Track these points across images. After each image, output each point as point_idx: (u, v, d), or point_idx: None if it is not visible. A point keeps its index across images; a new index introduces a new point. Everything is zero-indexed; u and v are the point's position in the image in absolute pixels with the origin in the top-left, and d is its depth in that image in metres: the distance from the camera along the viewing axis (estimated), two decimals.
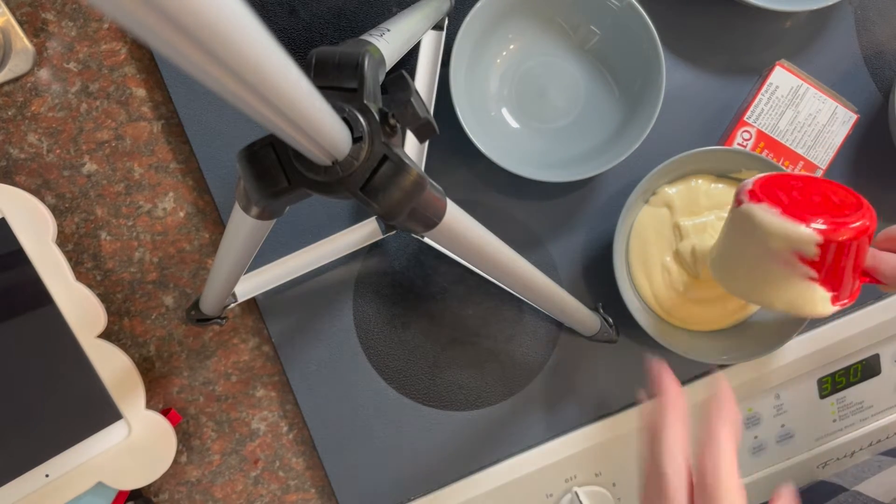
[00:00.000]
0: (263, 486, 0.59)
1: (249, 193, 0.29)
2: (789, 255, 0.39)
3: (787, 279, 0.40)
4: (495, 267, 0.38)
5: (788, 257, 0.40)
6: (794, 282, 0.40)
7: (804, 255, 0.39)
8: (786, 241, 0.39)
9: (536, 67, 0.55)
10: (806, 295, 0.40)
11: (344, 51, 0.29)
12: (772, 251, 0.40)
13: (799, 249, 0.39)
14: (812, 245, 0.39)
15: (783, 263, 0.40)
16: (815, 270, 0.39)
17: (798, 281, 0.40)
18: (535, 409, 0.57)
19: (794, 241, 0.39)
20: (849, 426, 0.58)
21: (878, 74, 0.57)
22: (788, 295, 0.41)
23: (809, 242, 0.39)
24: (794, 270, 0.40)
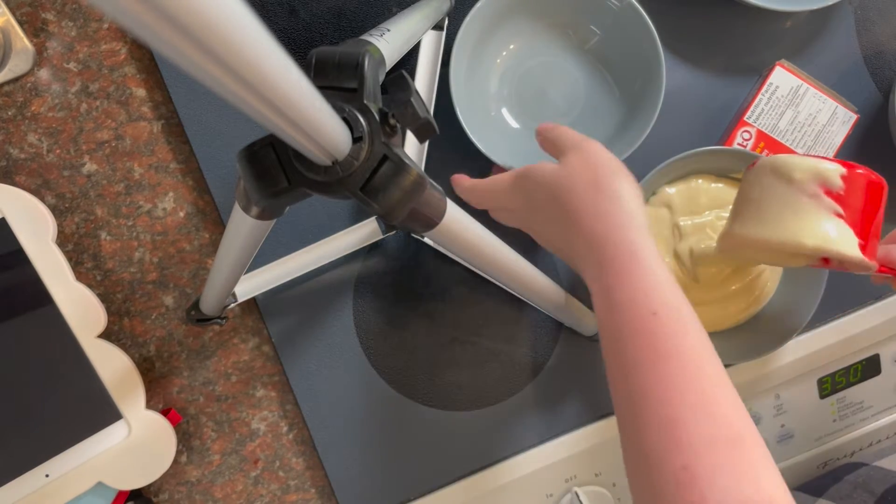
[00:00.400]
0: (263, 486, 0.59)
1: (249, 193, 0.29)
2: (815, 188, 0.40)
3: (816, 212, 0.40)
4: (495, 267, 0.38)
5: (814, 189, 0.40)
6: (822, 217, 0.40)
7: (830, 188, 0.39)
8: (811, 171, 0.40)
9: (536, 67, 0.55)
10: (835, 231, 0.39)
11: (344, 51, 0.29)
12: (797, 184, 0.40)
13: (824, 180, 0.39)
14: (836, 175, 0.39)
15: (810, 195, 0.40)
16: (841, 206, 0.39)
17: (825, 217, 0.40)
18: (535, 409, 0.57)
19: (819, 171, 0.39)
20: (849, 426, 0.58)
21: (878, 74, 0.57)
22: (817, 231, 0.39)
23: (834, 172, 0.39)
24: (820, 203, 0.40)
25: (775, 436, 0.58)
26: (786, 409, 0.58)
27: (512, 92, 0.55)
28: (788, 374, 0.57)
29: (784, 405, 0.58)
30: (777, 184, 0.41)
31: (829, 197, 0.39)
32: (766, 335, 0.53)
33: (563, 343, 0.57)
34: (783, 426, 0.58)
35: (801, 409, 0.58)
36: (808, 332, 0.56)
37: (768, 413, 0.57)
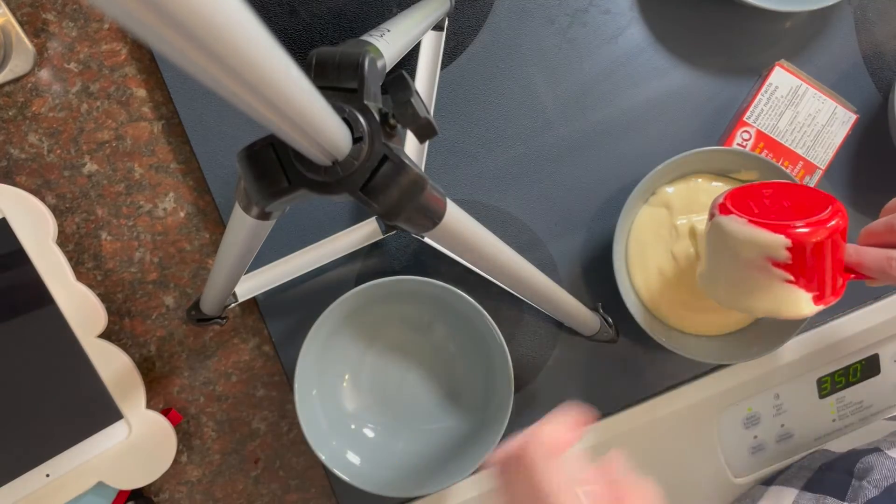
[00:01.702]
0: (264, 485, 0.59)
1: (250, 193, 0.29)
2: (762, 262, 0.40)
3: (766, 285, 0.41)
4: (495, 267, 0.38)
5: (762, 263, 0.40)
6: (773, 286, 0.40)
7: (776, 260, 0.40)
8: (756, 247, 0.40)
9: (386, 374, 0.56)
10: (786, 298, 0.40)
11: (344, 51, 0.29)
12: (746, 260, 0.41)
13: (770, 255, 0.40)
14: (781, 249, 0.39)
15: (758, 270, 0.40)
16: (791, 273, 0.40)
17: (776, 285, 0.40)
18: (535, 409, 0.57)
19: (763, 247, 0.40)
20: (848, 426, 0.58)
21: (877, 74, 0.57)
22: (769, 300, 0.41)
23: (778, 247, 0.39)
24: (769, 275, 0.40)
25: (775, 435, 0.58)
26: (785, 408, 0.58)
27: (370, 403, 0.55)
28: (788, 374, 0.57)
29: (783, 405, 0.58)
30: (728, 256, 0.42)
31: (778, 268, 0.40)
32: (766, 335, 0.53)
33: (563, 343, 0.57)
34: (783, 426, 0.58)
35: (800, 408, 0.58)
36: (807, 332, 0.57)
37: (768, 413, 0.57)
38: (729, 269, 0.43)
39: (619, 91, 0.57)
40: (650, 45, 0.57)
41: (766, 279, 0.40)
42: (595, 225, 0.57)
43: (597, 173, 0.57)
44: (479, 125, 0.57)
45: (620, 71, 0.57)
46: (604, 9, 0.57)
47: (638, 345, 0.57)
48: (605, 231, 0.57)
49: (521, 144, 0.57)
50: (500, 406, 0.51)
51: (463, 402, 0.55)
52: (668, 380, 0.57)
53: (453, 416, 0.55)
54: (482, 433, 0.52)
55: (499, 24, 0.56)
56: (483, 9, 0.56)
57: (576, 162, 0.57)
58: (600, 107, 0.57)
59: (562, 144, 0.57)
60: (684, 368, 0.57)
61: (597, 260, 0.57)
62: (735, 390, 0.56)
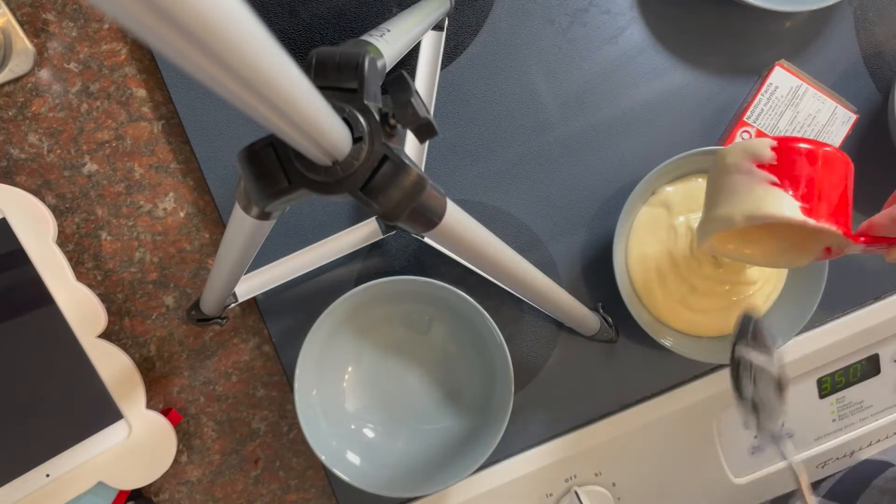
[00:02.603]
0: (264, 485, 0.59)
1: (250, 193, 0.29)
2: (748, 164, 0.41)
3: (750, 187, 0.41)
4: (495, 267, 0.38)
5: (747, 166, 0.41)
6: (756, 187, 0.41)
7: (761, 161, 0.40)
8: (742, 151, 0.41)
9: (385, 375, 0.56)
10: (767, 196, 0.40)
11: (344, 51, 0.29)
12: (732, 165, 0.41)
13: (754, 155, 0.40)
14: (765, 148, 0.40)
15: (744, 174, 0.41)
16: (775, 175, 0.40)
17: (759, 185, 0.40)
18: (535, 409, 0.57)
19: (749, 148, 0.41)
20: (848, 426, 0.58)
21: (877, 74, 0.57)
22: (751, 200, 0.40)
23: (763, 146, 0.40)
24: (753, 177, 0.41)
25: None
26: (785, 408, 0.58)
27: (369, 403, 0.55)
28: (788, 374, 0.57)
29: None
30: (719, 172, 0.43)
31: (763, 169, 0.40)
32: None
33: (563, 343, 0.57)
34: (783, 426, 0.58)
35: (800, 408, 0.58)
36: (807, 332, 0.57)
37: None
38: (717, 187, 0.43)
39: (619, 91, 0.57)
40: (650, 45, 0.57)
41: (750, 182, 0.41)
42: (595, 225, 0.57)
43: (597, 173, 0.57)
44: (479, 125, 0.57)
45: (620, 71, 0.57)
46: (604, 9, 0.57)
47: (638, 345, 0.57)
48: (605, 231, 0.57)
49: (521, 144, 0.57)
50: (500, 406, 0.51)
51: (463, 402, 0.55)
52: (668, 380, 0.57)
53: (453, 416, 0.55)
54: (482, 433, 0.52)
55: (499, 24, 0.56)
56: (483, 9, 0.56)
57: (576, 162, 0.57)
58: (600, 107, 0.57)
59: (562, 144, 0.57)
60: (684, 368, 0.57)
61: (597, 260, 0.57)
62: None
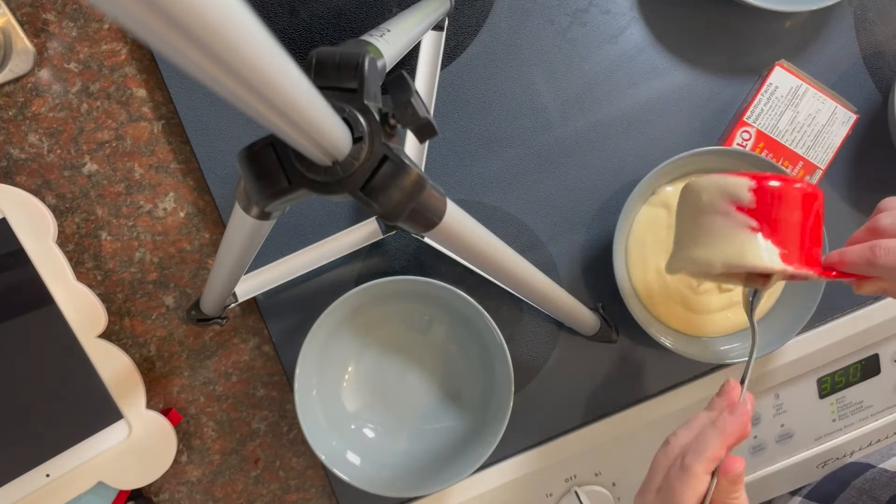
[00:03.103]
0: (264, 485, 0.59)
1: (250, 193, 0.29)
2: (726, 206, 0.39)
3: (729, 231, 0.39)
4: (495, 267, 0.38)
5: (725, 208, 0.39)
6: (736, 232, 0.39)
7: (740, 203, 0.39)
8: (719, 190, 0.39)
9: (386, 374, 0.56)
10: (749, 244, 0.39)
11: (344, 51, 0.29)
12: (709, 205, 0.40)
13: (734, 197, 0.39)
14: (745, 190, 0.39)
15: (722, 216, 0.39)
16: (755, 219, 0.39)
17: (739, 231, 0.39)
18: (535, 409, 0.57)
19: (726, 188, 0.39)
20: (848, 426, 0.58)
21: (877, 74, 0.57)
22: (732, 247, 0.39)
23: (742, 187, 0.39)
24: (733, 221, 0.39)
25: (775, 435, 0.58)
26: (785, 408, 0.58)
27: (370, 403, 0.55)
28: (788, 374, 0.57)
29: (783, 405, 0.58)
30: (693, 209, 0.41)
31: (742, 212, 0.39)
32: (766, 335, 0.53)
33: (563, 343, 0.57)
34: (783, 426, 0.58)
35: (800, 408, 0.58)
36: (807, 332, 0.57)
37: (768, 413, 0.57)
38: (693, 224, 0.41)
39: (619, 91, 0.57)
40: (650, 45, 0.57)
41: (729, 225, 0.39)
42: (595, 225, 0.57)
43: (597, 173, 0.57)
44: (479, 125, 0.57)
45: (620, 71, 0.57)
46: (604, 9, 0.57)
47: (638, 345, 0.57)
48: (605, 231, 0.57)
49: (521, 144, 0.57)
50: (500, 406, 0.51)
51: (463, 402, 0.55)
52: (668, 380, 0.57)
53: (453, 416, 0.55)
54: (482, 433, 0.52)
55: (499, 24, 0.56)
56: (483, 9, 0.56)
57: (576, 162, 0.57)
58: (600, 107, 0.57)
59: (562, 144, 0.57)
60: (684, 368, 0.57)
61: (597, 260, 0.57)
62: None
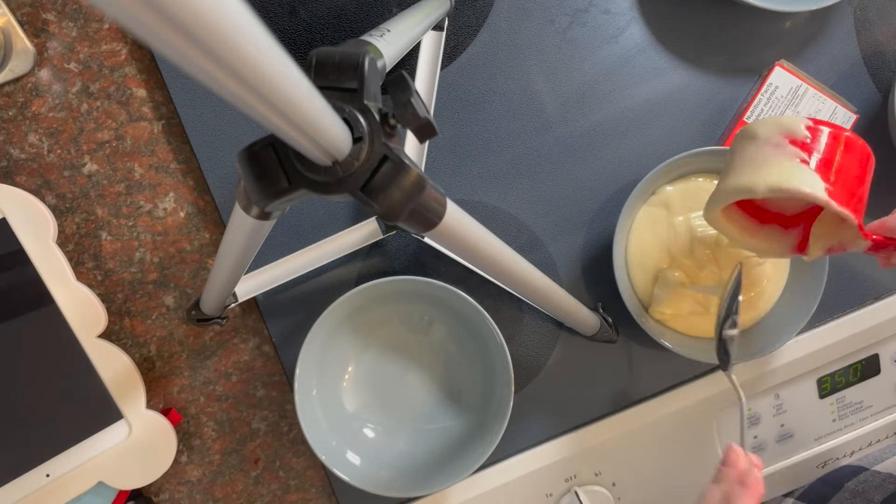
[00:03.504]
0: (264, 485, 0.59)
1: (250, 193, 0.29)
2: (779, 138, 0.41)
3: (779, 159, 0.40)
4: (495, 267, 0.38)
5: (778, 140, 0.41)
6: (786, 160, 0.40)
7: (794, 137, 0.40)
8: (776, 125, 0.41)
9: (385, 374, 0.56)
10: (797, 170, 0.40)
11: (344, 51, 0.29)
12: (764, 138, 0.41)
13: (788, 130, 0.40)
14: (800, 125, 0.40)
15: (774, 147, 0.41)
16: (805, 152, 0.40)
17: (790, 160, 0.40)
18: (535, 409, 0.57)
19: (784, 124, 0.41)
20: (848, 426, 0.58)
21: (877, 74, 0.57)
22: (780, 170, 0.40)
23: (798, 123, 0.40)
24: (784, 150, 0.40)
25: (775, 435, 0.58)
26: (785, 408, 0.58)
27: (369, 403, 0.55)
28: (788, 374, 0.57)
29: (784, 405, 0.58)
30: (746, 144, 0.43)
31: (794, 145, 0.40)
32: (766, 335, 0.53)
33: (563, 343, 0.57)
34: (783, 426, 0.58)
35: (800, 408, 0.58)
36: (807, 332, 0.57)
37: (768, 413, 0.57)
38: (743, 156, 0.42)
39: (619, 91, 0.57)
40: (650, 45, 0.57)
41: (779, 154, 0.40)
42: (595, 225, 0.57)
43: (597, 173, 0.57)
44: (479, 125, 0.57)
45: (620, 71, 0.57)
46: (604, 9, 0.57)
47: (638, 345, 0.57)
48: (605, 231, 0.57)
49: (521, 144, 0.57)
50: (500, 406, 0.51)
51: (463, 402, 0.55)
52: (668, 380, 0.57)
53: (453, 416, 0.55)
54: (482, 433, 0.52)
55: (499, 24, 0.56)
56: (483, 9, 0.56)
57: (576, 162, 0.57)
58: (600, 107, 0.57)
59: (562, 144, 0.57)
60: (684, 368, 0.57)
61: (597, 260, 0.57)
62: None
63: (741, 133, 0.43)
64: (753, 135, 0.42)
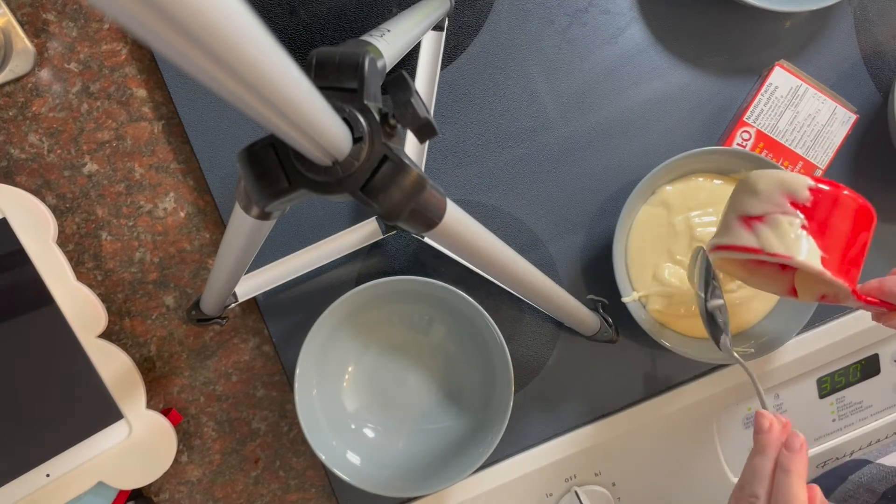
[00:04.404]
0: (264, 485, 0.59)
1: (250, 193, 0.29)
2: (780, 198, 0.40)
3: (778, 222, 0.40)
4: (495, 267, 0.38)
5: (779, 200, 0.40)
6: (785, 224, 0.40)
7: (796, 199, 0.39)
8: (779, 183, 0.40)
9: (385, 374, 0.56)
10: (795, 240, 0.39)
11: (344, 51, 0.29)
12: (763, 195, 0.40)
13: (789, 191, 0.40)
14: (803, 187, 0.39)
15: (774, 205, 0.40)
16: (807, 218, 0.39)
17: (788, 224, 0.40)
18: (535, 409, 0.57)
19: (786, 182, 0.40)
20: (848, 426, 0.58)
21: (877, 75, 0.57)
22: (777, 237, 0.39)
23: (802, 184, 0.40)
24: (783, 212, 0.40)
25: None
26: (785, 408, 0.58)
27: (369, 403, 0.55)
28: (788, 374, 0.57)
29: (783, 405, 0.58)
30: (745, 197, 0.42)
31: (795, 208, 0.39)
32: (766, 335, 0.53)
33: (562, 343, 0.57)
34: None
35: (800, 408, 0.58)
36: (807, 332, 0.57)
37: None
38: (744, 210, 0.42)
39: (619, 91, 0.57)
40: (650, 45, 0.57)
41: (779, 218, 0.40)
42: (595, 225, 0.57)
43: (597, 173, 0.57)
44: (479, 125, 0.57)
45: (620, 71, 0.57)
46: (604, 9, 0.57)
47: (638, 345, 0.57)
48: (605, 231, 0.57)
49: (521, 144, 0.57)
50: (500, 406, 0.51)
51: (463, 402, 0.55)
52: (668, 380, 0.57)
53: (453, 416, 0.55)
54: (482, 433, 0.52)
55: (499, 24, 0.56)
56: (483, 9, 0.56)
57: (576, 162, 0.57)
58: (600, 107, 0.57)
59: (562, 144, 0.57)
60: (684, 368, 0.57)
61: (597, 260, 0.57)
62: (735, 390, 0.56)
63: (742, 183, 0.43)
64: (754, 189, 0.41)
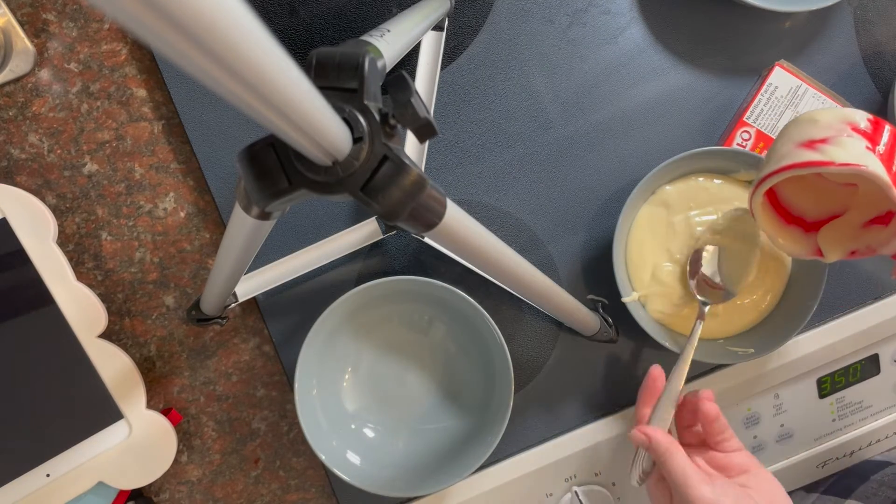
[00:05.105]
0: (264, 485, 0.59)
1: (250, 193, 0.29)
2: (842, 125, 0.40)
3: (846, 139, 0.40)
4: (495, 267, 0.38)
5: (841, 126, 0.40)
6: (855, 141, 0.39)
7: (856, 126, 0.40)
8: (837, 115, 0.40)
9: (385, 374, 0.56)
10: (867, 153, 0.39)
11: (344, 51, 0.29)
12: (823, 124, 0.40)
13: (850, 120, 0.40)
14: (864, 118, 0.40)
15: (837, 131, 0.40)
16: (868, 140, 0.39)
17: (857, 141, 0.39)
18: (535, 409, 0.57)
19: (846, 113, 0.40)
20: (848, 426, 0.58)
21: (877, 75, 0.57)
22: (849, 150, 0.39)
23: (861, 116, 0.40)
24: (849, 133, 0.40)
25: (774, 435, 0.58)
26: (785, 408, 0.58)
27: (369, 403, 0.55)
28: (788, 374, 0.57)
29: (783, 405, 0.58)
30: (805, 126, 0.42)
31: (857, 132, 0.40)
32: (766, 335, 0.53)
33: (562, 343, 0.57)
34: (782, 426, 0.58)
35: (800, 408, 0.58)
36: (807, 332, 0.57)
37: (767, 412, 0.57)
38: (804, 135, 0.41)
39: (619, 91, 0.57)
40: (650, 45, 0.57)
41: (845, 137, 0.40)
42: (595, 225, 0.57)
43: (597, 173, 0.57)
44: (478, 125, 0.57)
45: (620, 71, 0.57)
46: (604, 9, 0.57)
47: (638, 345, 0.57)
48: (605, 231, 0.57)
49: (521, 144, 0.57)
50: (500, 406, 0.51)
51: (463, 402, 0.55)
52: None
53: (453, 416, 0.55)
54: (482, 433, 0.52)
55: (499, 24, 0.56)
56: (483, 9, 0.56)
57: (576, 162, 0.57)
58: (600, 107, 0.57)
59: (562, 144, 0.57)
60: None
61: (597, 260, 0.57)
62: (735, 390, 0.56)
63: (797, 119, 0.42)
64: (813, 119, 0.41)
